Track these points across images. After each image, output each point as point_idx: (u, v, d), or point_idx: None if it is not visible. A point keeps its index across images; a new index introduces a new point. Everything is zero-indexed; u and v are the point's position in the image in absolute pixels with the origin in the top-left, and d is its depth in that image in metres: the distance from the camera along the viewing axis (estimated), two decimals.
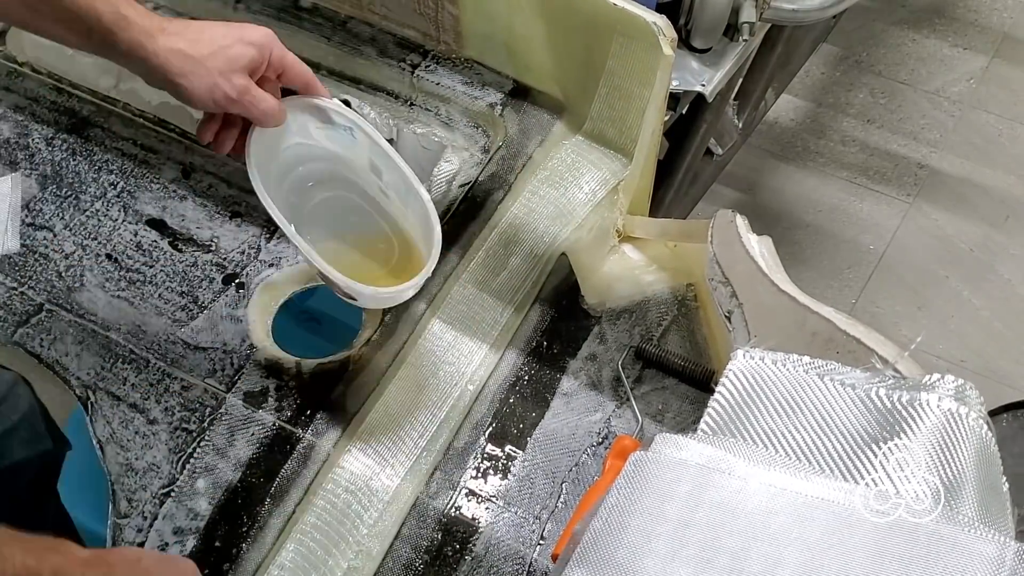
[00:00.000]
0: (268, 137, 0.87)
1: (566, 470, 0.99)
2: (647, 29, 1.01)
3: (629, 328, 1.08)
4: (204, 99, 0.80)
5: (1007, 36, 2.47)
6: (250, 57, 0.81)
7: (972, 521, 0.59)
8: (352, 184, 0.93)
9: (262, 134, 0.86)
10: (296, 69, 0.86)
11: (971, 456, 0.62)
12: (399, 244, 0.93)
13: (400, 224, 0.93)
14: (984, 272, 2.05)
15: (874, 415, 0.65)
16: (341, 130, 0.90)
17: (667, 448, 0.66)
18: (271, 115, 0.84)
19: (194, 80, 0.79)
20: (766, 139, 2.24)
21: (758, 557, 0.59)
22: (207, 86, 0.79)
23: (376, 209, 0.94)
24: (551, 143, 1.18)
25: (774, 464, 0.64)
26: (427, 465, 0.98)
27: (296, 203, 0.92)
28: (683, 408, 1.02)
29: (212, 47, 0.79)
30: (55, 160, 1.18)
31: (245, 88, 0.81)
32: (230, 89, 0.80)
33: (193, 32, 0.79)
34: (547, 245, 1.11)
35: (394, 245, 0.94)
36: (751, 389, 0.69)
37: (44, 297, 1.08)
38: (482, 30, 1.17)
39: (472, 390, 1.03)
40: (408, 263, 0.91)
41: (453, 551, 0.94)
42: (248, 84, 0.81)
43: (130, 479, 0.97)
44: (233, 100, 0.80)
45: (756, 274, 0.93)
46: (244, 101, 0.81)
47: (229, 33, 0.81)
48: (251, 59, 0.81)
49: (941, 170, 2.22)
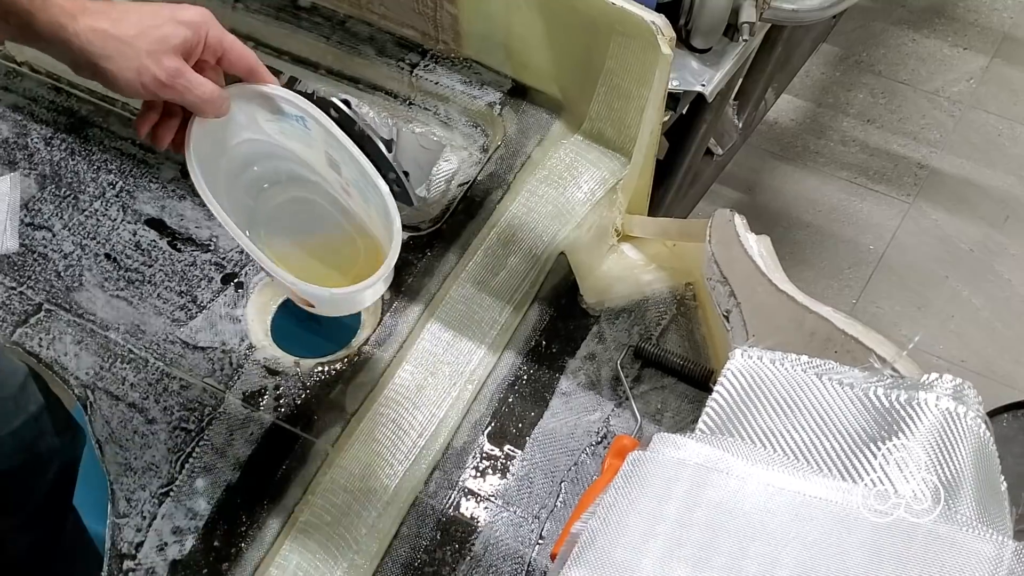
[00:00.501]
0: (213, 130, 0.79)
1: (565, 469, 0.99)
2: (646, 28, 1.01)
3: (628, 327, 1.08)
4: (132, 84, 0.72)
5: (1007, 36, 2.47)
6: (183, 37, 0.73)
7: (970, 520, 0.59)
8: (312, 184, 0.85)
9: (205, 126, 0.78)
10: (237, 52, 0.78)
11: (969, 455, 0.62)
12: (364, 247, 0.85)
13: (364, 224, 0.85)
14: (984, 272, 2.05)
15: (872, 414, 0.65)
16: (292, 120, 0.82)
17: (665, 447, 0.66)
18: (211, 102, 0.76)
19: (120, 62, 0.71)
20: (766, 139, 2.24)
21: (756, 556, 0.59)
22: (134, 69, 0.71)
23: (339, 209, 0.86)
24: (550, 142, 1.18)
25: (772, 463, 0.64)
26: (426, 464, 0.98)
27: (252, 205, 0.86)
28: (682, 407, 1.02)
29: (139, 27, 0.71)
30: (54, 160, 1.18)
31: (177, 71, 0.73)
32: (160, 72, 0.72)
33: (118, 11, 0.72)
34: (546, 244, 1.11)
35: (359, 248, 0.86)
36: (749, 388, 0.69)
37: (43, 297, 1.08)
38: (481, 29, 1.17)
39: (471, 389, 1.03)
40: (375, 266, 0.81)
41: (452, 550, 0.94)
42: (181, 66, 0.73)
43: (129, 479, 0.97)
44: (164, 84, 0.73)
45: (754, 273, 0.93)
46: (177, 85, 0.73)
47: (158, 12, 0.73)
48: (184, 39, 0.73)
49: (941, 170, 2.22)
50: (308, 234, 0.87)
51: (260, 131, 0.83)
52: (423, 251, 1.10)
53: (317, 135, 0.82)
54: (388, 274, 0.79)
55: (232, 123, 0.81)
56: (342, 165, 0.83)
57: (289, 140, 0.83)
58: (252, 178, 0.85)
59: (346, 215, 0.86)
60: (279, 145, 0.84)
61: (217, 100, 0.76)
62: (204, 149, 0.78)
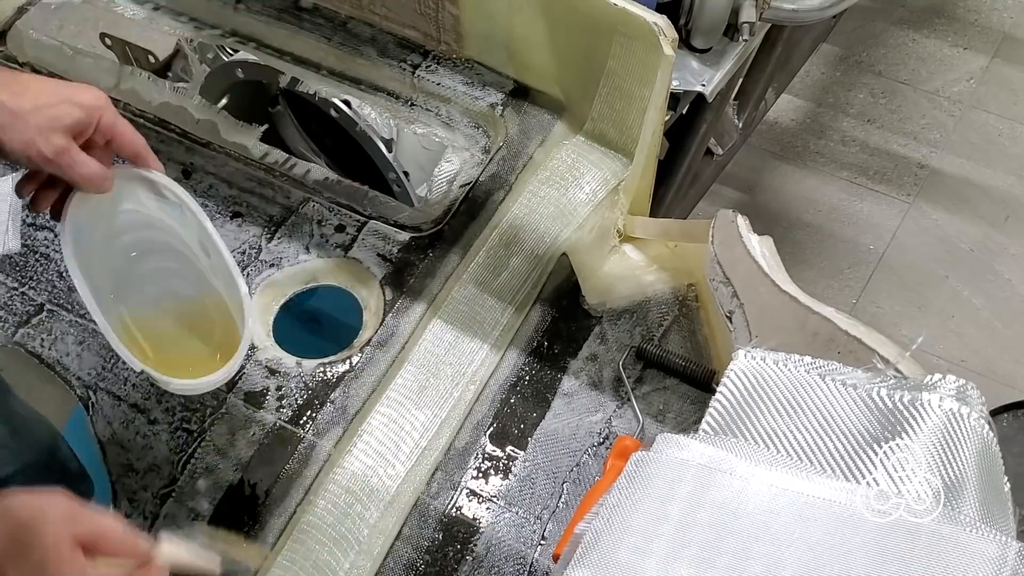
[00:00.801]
0: (94, 201, 0.84)
1: (567, 470, 0.99)
2: (648, 29, 1.01)
3: (630, 328, 1.08)
4: (18, 154, 0.77)
5: (1007, 36, 2.47)
6: (75, 118, 0.78)
7: (973, 521, 0.59)
8: (181, 256, 0.92)
9: (86, 197, 0.83)
10: (127, 138, 0.83)
11: (972, 456, 0.62)
12: (222, 322, 0.91)
13: (225, 303, 0.91)
14: (984, 272, 2.05)
15: (875, 415, 0.65)
16: (172, 203, 0.89)
17: (669, 448, 0.66)
18: (90, 180, 0.80)
19: (11, 133, 0.76)
20: (766, 139, 2.24)
21: (759, 557, 0.59)
22: (23, 141, 0.76)
23: (204, 285, 0.92)
24: (552, 143, 1.18)
25: (776, 464, 0.64)
26: (428, 465, 0.98)
27: (122, 268, 0.91)
28: (684, 408, 1.02)
29: (35, 103, 0.76)
30: None
31: (63, 149, 0.77)
32: (46, 148, 0.77)
33: (19, 86, 0.77)
34: (548, 245, 1.11)
35: (215, 323, 0.92)
36: (752, 389, 0.69)
37: (45, 297, 1.08)
38: (483, 30, 1.17)
39: (473, 390, 1.03)
40: (231, 341, 0.89)
41: (454, 551, 0.94)
42: (68, 145, 0.78)
43: (131, 479, 0.97)
44: (48, 160, 0.77)
45: (757, 274, 0.93)
46: (61, 162, 0.78)
47: (57, 91, 0.78)
48: (76, 120, 0.78)
49: (941, 170, 2.22)
50: (174, 300, 0.93)
51: (140, 204, 0.89)
52: (425, 252, 1.10)
53: (192, 223, 0.89)
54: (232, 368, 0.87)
55: (117, 197, 0.86)
56: (211, 254, 0.90)
57: (167, 217, 0.90)
58: (127, 243, 0.91)
59: (209, 290, 0.92)
60: (157, 217, 0.90)
61: (97, 179, 0.81)
62: (81, 218, 0.84)
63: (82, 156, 0.79)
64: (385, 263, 1.09)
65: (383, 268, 1.09)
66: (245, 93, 1.48)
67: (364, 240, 1.11)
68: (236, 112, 1.26)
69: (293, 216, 1.13)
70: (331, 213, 1.13)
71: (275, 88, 1.49)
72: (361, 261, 1.10)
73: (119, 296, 0.89)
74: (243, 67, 1.41)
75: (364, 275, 1.09)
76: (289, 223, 1.12)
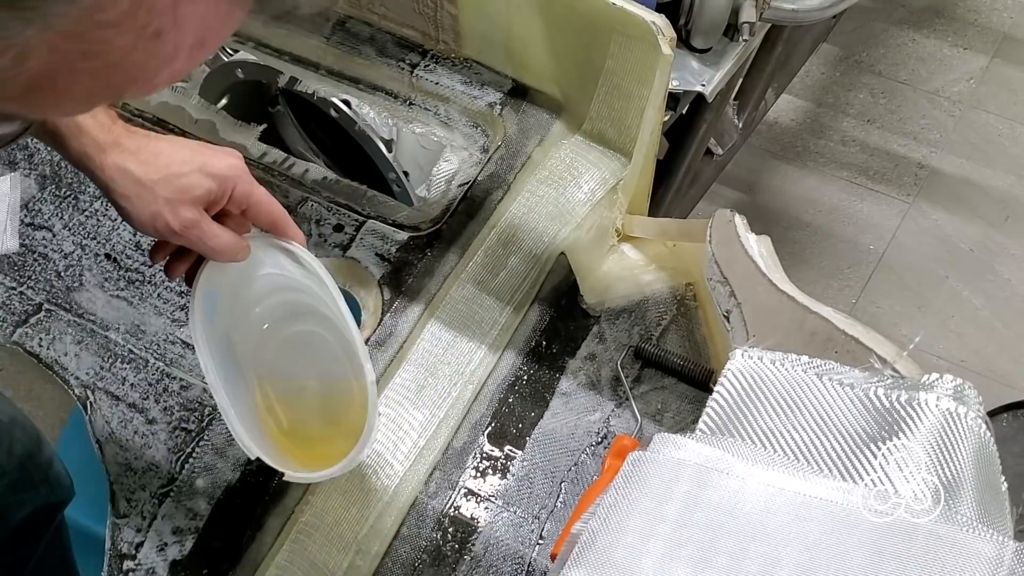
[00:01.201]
0: (232, 267, 0.80)
1: (565, 470, 0.99)
2: (646, 29, 1.01)
3: (628, 328, 1.08)
4: (145, 226, 0.74)
5: (1007, 36, 2.47)
6: (206, 189, 0.74)
7: (971, 521, 0.59)
8: (326, 319, 0.85)
9: (220, 265, 0.80)
10: (263, 207, 0.79)
11: (970, 456, 0.62)
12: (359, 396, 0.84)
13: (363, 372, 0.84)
14: (984, 272, 2.05)
15: (873, 415, 0.65)
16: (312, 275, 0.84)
17: (666, 448, 0.66)
18: (222, 252, 0.77)
19: (137, 204, 0.73)
20: (766, 139, 2.24)
21: (757, 557, 0.59)
22: (150, 214, 0.73)
23: (345, 348, 0.85)
24: (550, 143, 1.18)
25: (773, 464, 0.64)
26: (426, 465, 0.98)
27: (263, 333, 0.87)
28: (682, 408, 1.02)
29: (165, 172, 0.73)
30: (54, 160, 1.18)
31: (193, 222, 0.74)
32: (174, 221, 0.73)
33: (149, 153, 0.73)
34: (546, 245, 1.11)
35: (355, 395, 0.85)
36: (750, 389, 0.69)
37: (43, 297, 1.08)
38: (481, 30, 1.17)
39: (471, 390, 1.03)
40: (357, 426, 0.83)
41: (452, 551, 0.94)
42: (198, 218, 0.74)
43: (129, 479, 0.97)
44: (176, 233, 0.74)
45: (755, 274, 0.93)
46: (190, 236, 0.75)
47: (189, 159, 0.74)
48: (207, 191, 0.74)
49: (941, 170, 2.22)
50: (311, 369, 0.89)
51: (282, 267, 0.84)
52: (423, 251, 1.10)
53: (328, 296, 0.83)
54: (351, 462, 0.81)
55: (255, 262, 0.82)
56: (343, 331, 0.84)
57: (309, 280, 0.84)
58: (271, 305, 0.87)
59: (350, 356, 0.85)
60: (299, 280, 0.84)
61: (231, 251, 0.77)
62: (218, 281, 0.81)
63: (213, 228, 0.76)
64: (383, 263, 1.09)
65: (381, 268, 1.09)
66: (244, 93, 1.48)
67: (362, 240, 1.11)
68: (236, 112, 1.26)
69: (292, 215, 1.13)
70: (329, 212, 1.13)
71: (274, 88, 1.49)
72: (359, 261, 1.10)
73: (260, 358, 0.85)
74: (242, 67, 1.41)
75: (362, 275, 1.09)
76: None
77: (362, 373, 0.82)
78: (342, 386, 0.86)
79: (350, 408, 0.85)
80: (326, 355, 0.87)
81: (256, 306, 0.87)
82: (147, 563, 0.93)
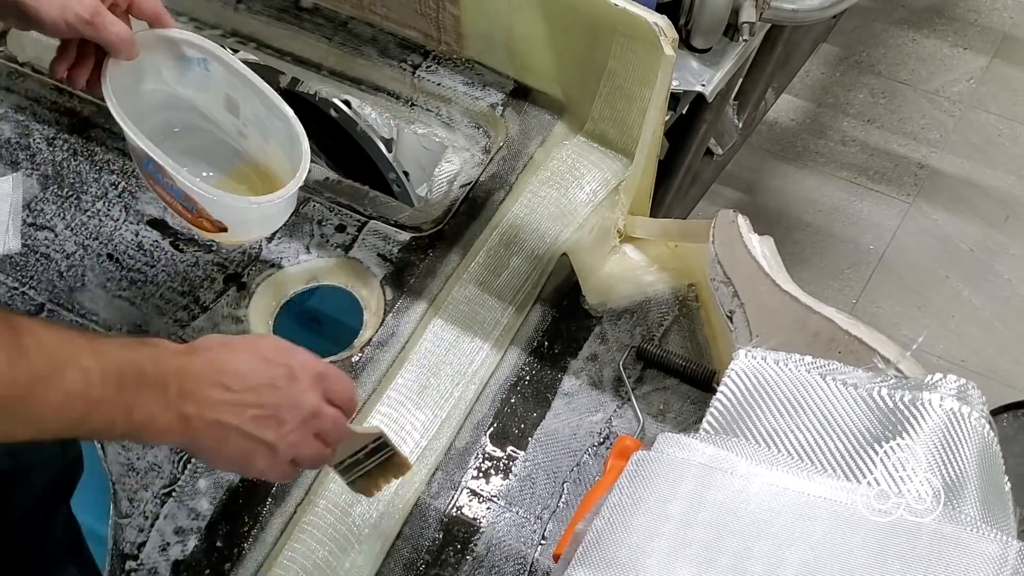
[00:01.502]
0: (123, 74, 0.87)
1: (567, 470, 0.99)
2: (648, 29, 1.01)
3: (630, 328, 1.08)
4: (56, 20, 0.82)
5: (1007, 36, 2.47)
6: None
7: (974, 520, 0.59)
8: (209, 132, 0.95)
9: (117, 68, 0.87)
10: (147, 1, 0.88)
11: (973, 456, 0.62)
12: (261, 181, 0.96)
13: (259, 160, 0.95)
14: (984, 272, 2.05)
15: (876, 415, 0.65)
16: (195, 65, 0.91)
17: (670, 447, 0.66)
18: (124, 40, 0.85)
19: (45, 4, 0.81)
20: (766, 139, 2.24)
21: (760, 556, 0.59)
22: (58, 6, 0.81)
23: (233, 152, 0.96)
24: (552, 143, 1.18)
25: (776, 463, 0.64)
26: (428, 465, 0.98)
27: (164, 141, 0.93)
28: (684, 408, 1.03)
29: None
30: (56, 160, 1.18)
31: (96, 9, 0.83)
32: (82, 9, 0.82)
33: None
34: (548, 245, 1.11)
35: (257, 186, 0.96)
36: (753, 389, 0.69)
37: (45, 297, 1.08)
38: (483, 30, 1.17)
39: (473, 390, 1.03)
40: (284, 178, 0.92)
41: (454, 551, 0.94)
42: (99, 6, 0.83)
43: (131, 479, 0.97)
44: (85, 21, 0.82)
45: (758, 274, 0.93)
46: (96, 23, 0.83)
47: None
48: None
49: (941, 170, 2.22)
50: (207, 175, 0.98)
51: (162, 81, 0.92)
52: (425, 252, 1.10)
53: (218, 77, 0.91)
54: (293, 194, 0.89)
55: (141, 71, 0.90)
56: (241, 104, 0.92)
57: (186, 88, 0.93)
58: (158, 123, 0.94)
59: (241, 155, 0.96)
60: (179, 96, 0.93)
61: (129, 41, 0.86)
62: (118, 91, 0.87)
63: (112, 16, 0.84)
64: (385, 263, 1.09)
65: (383, 268, 1.09)
66: None
67: (364, 240, 1.11)
68: None
69: (293, 216, 1.13)
70: (331, 213, 1.13)
71: (276, 88, 1.49)
72: (361, 261, 1.10)
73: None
74: None
75: (365, 275, 1.09)
76: (289, 223, 1.12)
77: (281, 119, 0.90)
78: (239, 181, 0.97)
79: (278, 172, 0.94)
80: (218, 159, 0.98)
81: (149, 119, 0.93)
82: (149, 563, 0.93)
